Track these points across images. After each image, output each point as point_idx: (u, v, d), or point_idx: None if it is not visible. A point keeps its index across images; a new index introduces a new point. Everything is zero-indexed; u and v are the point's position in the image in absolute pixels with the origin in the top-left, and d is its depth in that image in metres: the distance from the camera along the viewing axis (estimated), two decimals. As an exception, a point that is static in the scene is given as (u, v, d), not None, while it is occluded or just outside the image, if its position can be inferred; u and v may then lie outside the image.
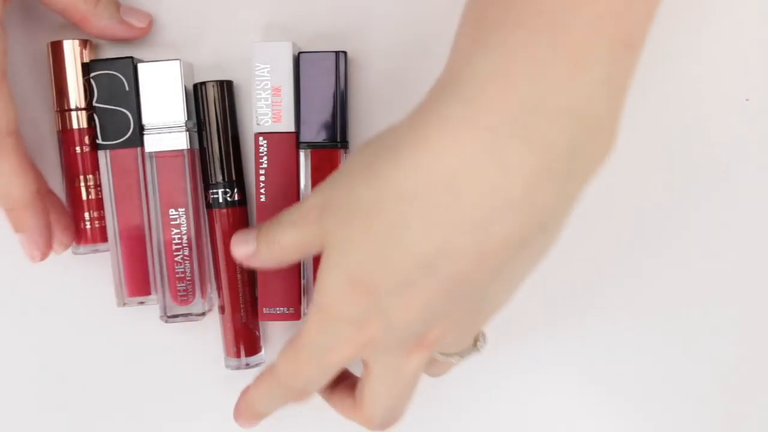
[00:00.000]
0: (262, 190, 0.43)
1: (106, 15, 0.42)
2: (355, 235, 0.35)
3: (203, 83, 0.42)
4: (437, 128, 0.32)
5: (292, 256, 0.39)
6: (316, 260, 0.43)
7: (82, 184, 0.44)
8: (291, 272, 0.44)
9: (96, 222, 0.44)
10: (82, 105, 0.43)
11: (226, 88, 0.43)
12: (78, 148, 0.43)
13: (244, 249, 0.40)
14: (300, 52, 0.42)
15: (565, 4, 0.31)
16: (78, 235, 0.44)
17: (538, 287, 0.45)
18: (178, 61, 0.42)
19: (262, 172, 0.43)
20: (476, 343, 0.41)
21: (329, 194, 0.37)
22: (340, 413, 0.43)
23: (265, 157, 0.43)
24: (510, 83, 0.31)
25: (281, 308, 0.44)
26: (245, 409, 0.43)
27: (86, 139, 0.43)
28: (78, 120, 0.43)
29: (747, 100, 0.44)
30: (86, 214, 0.44)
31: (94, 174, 0.44)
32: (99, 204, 0.44)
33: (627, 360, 0.46)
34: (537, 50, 0.31)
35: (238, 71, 0.44)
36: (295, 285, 0.44)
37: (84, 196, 0.44)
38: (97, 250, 0.44)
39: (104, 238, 0.44)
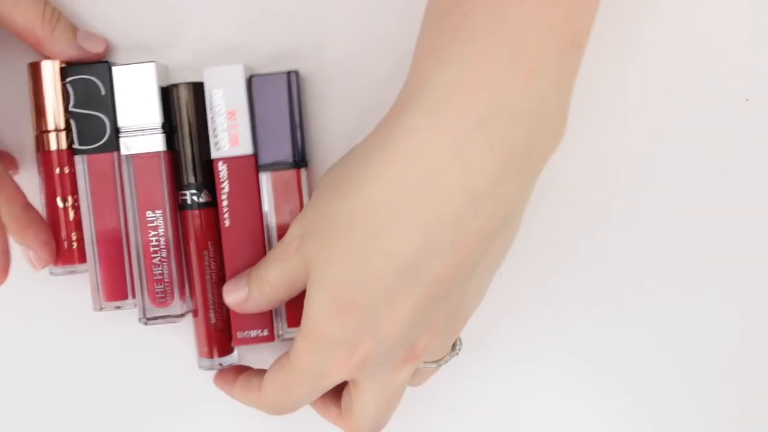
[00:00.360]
0: (226, 215, 0.43)
1: (62, 40, 0.42)
2: (334, 253, 0.35)
3: (175, 85, 0.43)
4: (403, 138, 0.34)
5: (281, 294, 0.40)
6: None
7: (61, 205, 0.44)
8: None
9: (74, 243, 0.44)
10: (62, 126, 0.43)
11: (199, 89, 0.43)
12: (57, 170, 0.43)
13: (236, 295, 0.41)
14: (251, 76, 0.43)
15: (520, 15, 0.33)
16: (56, 256, 0.44)
17: (536, 283, 0.46)
18: (153, 63, 0.42)
19: (224, 197, 0.43)
20: (454, 347, 0.42)
21: (306, 221, 0.38)
22: (325, 419, 0.43)
23: (226, 182, 0.43)
24: (470, 93, 0.33)
25: (255, 331, 0.44)
26: (228, 394, 0.44)
27: (66, 160, 0.43)
28: (57, 141, 0.43)
29: (747, 100, 0.44)
30: (65, 235, 0.44)
31: (73, 195, 0.44)
32: (78, 225, 0.44)
33: (621, 356, 0.46)
34: (495, 61, 0.33)
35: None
36: None
37: (63, 218, 0.44)
38: (74, 272, 0.44)
39: (82, 259, 0.44)
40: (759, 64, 0.44)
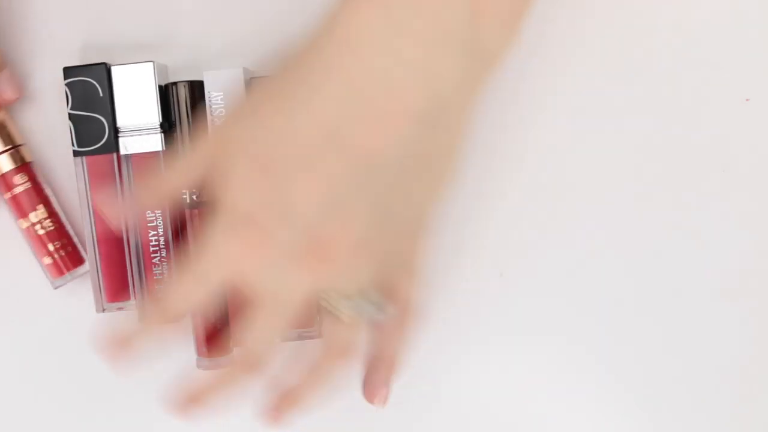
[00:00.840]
0: None
1: None
2: (259, 118, 0.35)
3: (174, 83, 0.43)
4: (341, 7, 0.34)
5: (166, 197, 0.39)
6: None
7: (25, 226, 0.44)
8: None
9: (61, 251, 0.44)
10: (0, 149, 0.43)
11: (198, 87, 0.43)
12: (10, 193, 0.44)
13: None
14: (251, 78, 0.43)
15: None
16: (52, 269, 0.44)
17: (536, 283, 0.46)
18: (151, 63, 0.42)
19: None
20: (374, 303, 0.38)
21: (232, 111, 0.38)
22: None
23: None
24: None
25: None
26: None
27: (16, 179, 0.43)
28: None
29: (747, 100, 0.44)
30: (50, 247, 0.44)
31: (36, 208, 0.44)
32: (58, 234, 0.44)
33: (622, 355, 0.46)
34: None
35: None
36: None
37: (33, 236, 0.44)
38: (74, 277, 0.44)
39: (75, 263, 0.44)
40: (759, 64, 0.44)
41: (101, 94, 0.43)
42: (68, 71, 0.43)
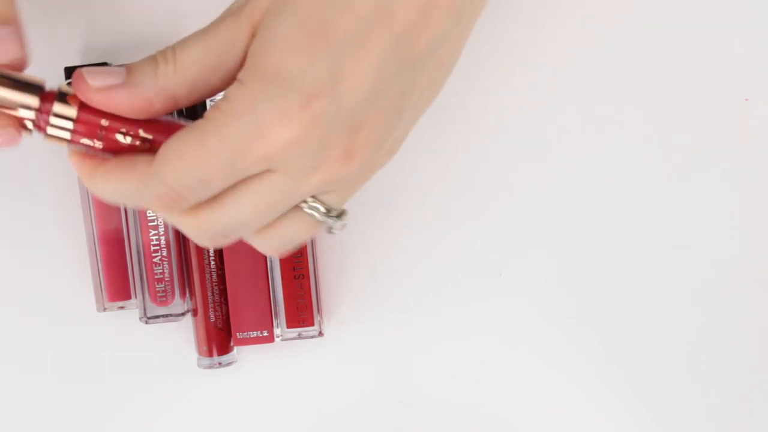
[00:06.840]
0: None
1: None
2: None
3: (176, 83, 0.43)
4: None
5: (188, 78, 0.32)
6: (287, 283, 0.44)
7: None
8: (261, 295, 0.44)
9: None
10: None
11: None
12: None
13: (109, 78, 0.32)
14: None
15: None
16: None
17: (540, 286, 0.46)
18: (151, 64, 0.42)
19: None
20: (342, 216, 0.35)
21: None
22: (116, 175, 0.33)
23: None
24: None
25: (254, 332, 0.44)
26: (88, 183, 0.33)
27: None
28: None
29: (747, 100, 0.44)
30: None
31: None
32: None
33: (625, 355, 0.46)
34: None
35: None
36: (266, 308, 0.44)
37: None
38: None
39: None
40: (759, 64, 0.44)
41: (102, 94, 0.43)
42: (69, 71, 0.43)
